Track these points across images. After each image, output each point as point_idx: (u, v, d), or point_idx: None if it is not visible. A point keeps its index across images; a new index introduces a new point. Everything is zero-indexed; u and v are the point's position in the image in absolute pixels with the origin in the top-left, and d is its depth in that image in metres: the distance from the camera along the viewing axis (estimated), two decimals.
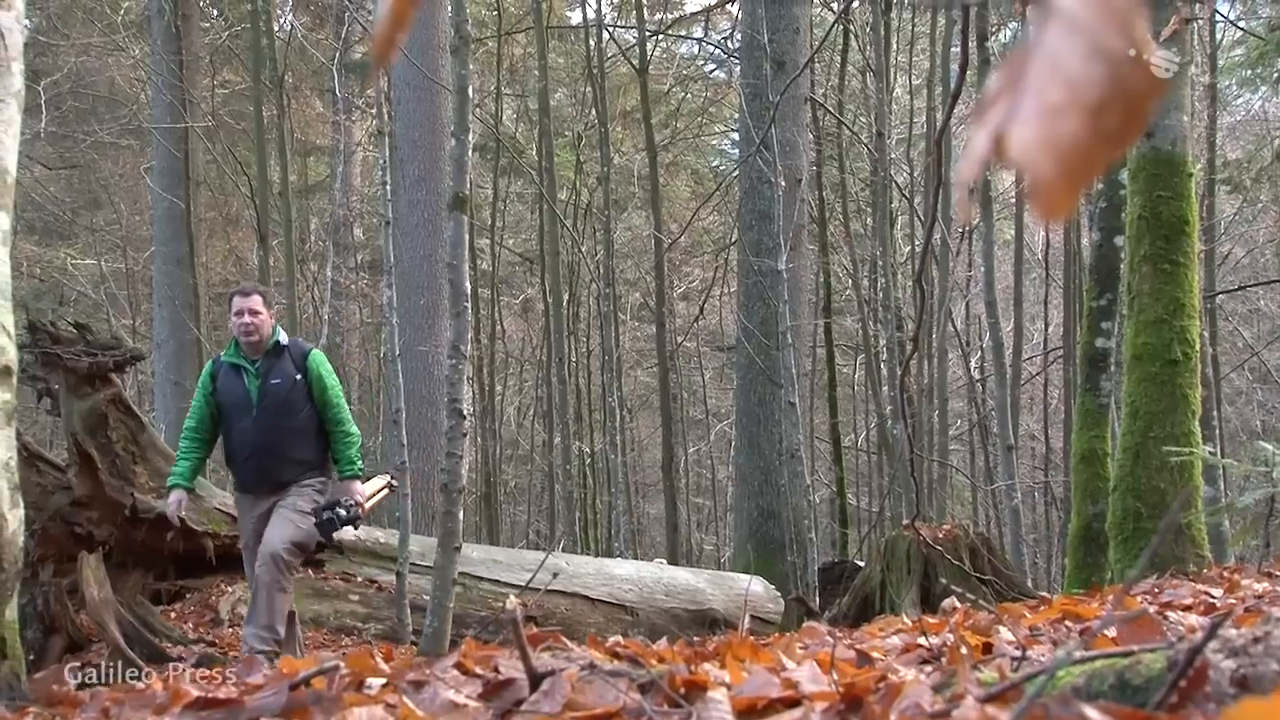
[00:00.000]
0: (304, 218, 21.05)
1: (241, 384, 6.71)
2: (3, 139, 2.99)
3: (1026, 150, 0.61)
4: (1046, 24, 0.63)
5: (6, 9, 3.03)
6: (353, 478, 6.75)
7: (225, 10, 20.51)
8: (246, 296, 6.76)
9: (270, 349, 6.74)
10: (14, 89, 3.08)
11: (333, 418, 6.78)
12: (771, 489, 13.01)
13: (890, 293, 13.20)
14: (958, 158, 17.58)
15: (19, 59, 3.08)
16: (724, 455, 22.72)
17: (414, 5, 0.68)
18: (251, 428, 6.62)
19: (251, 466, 6.64)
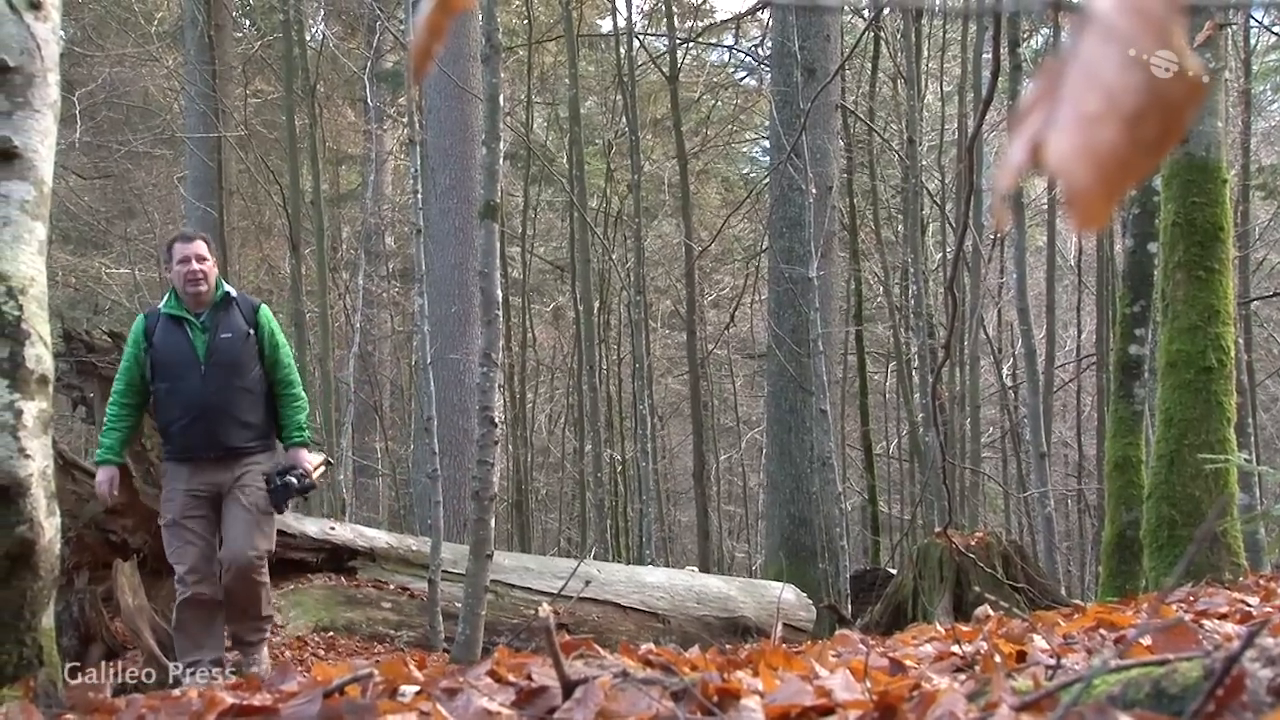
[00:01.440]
0: (336, 226, 21.13)
1: (185, 338, 6.15)
2: (39, 149, 3.02)
3: (1063, 159, 0.61)
4: (1083, 32, 0.63)
5: (42, 20, 3.06)
6: (301, 445, 6.35)
7: (258, 20, 20.63)
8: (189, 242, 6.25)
9: (218, 301, 6.23)
10: (50, 100, 3.10)
11: (283, 378, 6.34)
12: (803, 496, 12.98)
13: (922, 300, 13.16)
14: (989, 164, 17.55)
15: (54, 70, 3.11)
16: (755, 463, 22.67)
17: (449, 17, 0.69)
18: (200, 387, 6.09)
19: (198, 430, 6.08)
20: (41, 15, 3.04)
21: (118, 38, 17.29)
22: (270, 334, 6.30)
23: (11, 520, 2.80)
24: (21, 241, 2.86)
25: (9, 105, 2.96)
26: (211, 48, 14.62)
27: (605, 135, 20.63)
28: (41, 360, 2.84)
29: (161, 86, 18.04)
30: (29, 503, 2.82)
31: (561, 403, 22.91)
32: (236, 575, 5.96)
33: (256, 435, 6.19)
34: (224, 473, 6.09)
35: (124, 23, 17.65)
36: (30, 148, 2.96)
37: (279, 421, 6.34)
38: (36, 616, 2.92)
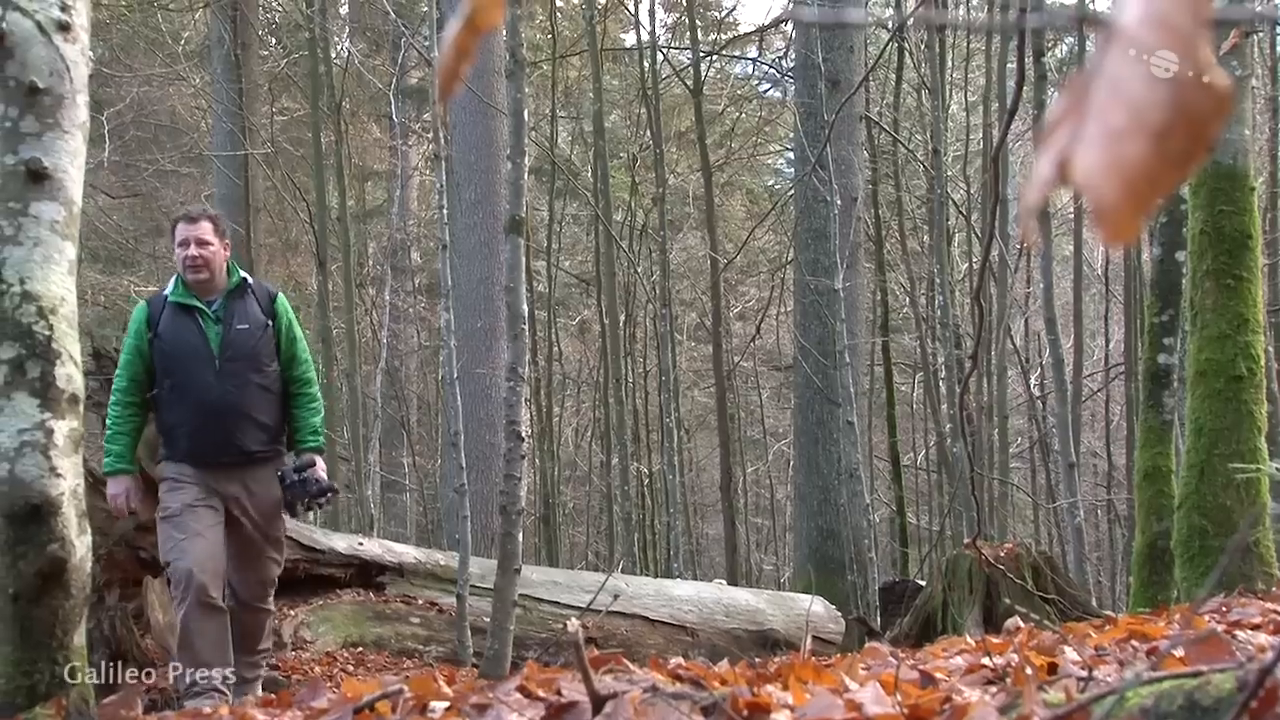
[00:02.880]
0: (362, 242, 21.21)
1: (196, 329, 5.53)
2: (68, 170, 3.04)
3: (1091, 174, 0.61)
4: (1109, 47, 0.63)
5: (71, 42, 3.08)
6: (316, 450, 5.73)
7: (284, 38, 20.73)
8: (193, 223, 5.61)
9: (233, 288, 5.64)
10: (79, 120, 3.13)
11: (300, 376, 5.76)
12: (831, 508, 12.95)
13: (948, 310, 13.13)
14: (1014, 174, 17.49)
15: (84, 91, 3.13)
16: (782, 475, 22.64)
17: (476, 37, 0.69)
18: (215, 384, 5.48)
19: (210, 433, 5.46)
20: (70, 37, 3.07)
21: (145, 57, 17.42)
22: (288, 326, 5.77)
23: (43, 539, 2.82)
24: (52, 262, 2.88)
25: (39, 126, 2.98)
26: (238, 66, 14.71)
27: (630, 149, 20.66)
28: (72, 379, 2.86)
29: (189, 105, 18.16)
30: (60, 521, 2.84)
31: (588, 416, 22.93)
32: (246, 605, 5.58)
33: (271, 439, 5.66)
34: (233, 483, 5.57)
35: (151, 42, 17.78)
36: (60, 168, 2.98)
37: (293, 424, 5.77)
38: (68, 635, 2.94)
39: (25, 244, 2.87)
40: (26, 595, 2.83)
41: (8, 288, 2.81)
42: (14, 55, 2.99)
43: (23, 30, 2.99)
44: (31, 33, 3.01)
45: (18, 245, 2.86)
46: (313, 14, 14.51)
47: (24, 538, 2.80)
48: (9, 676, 2.91)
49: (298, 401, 5.76)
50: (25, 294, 2.82)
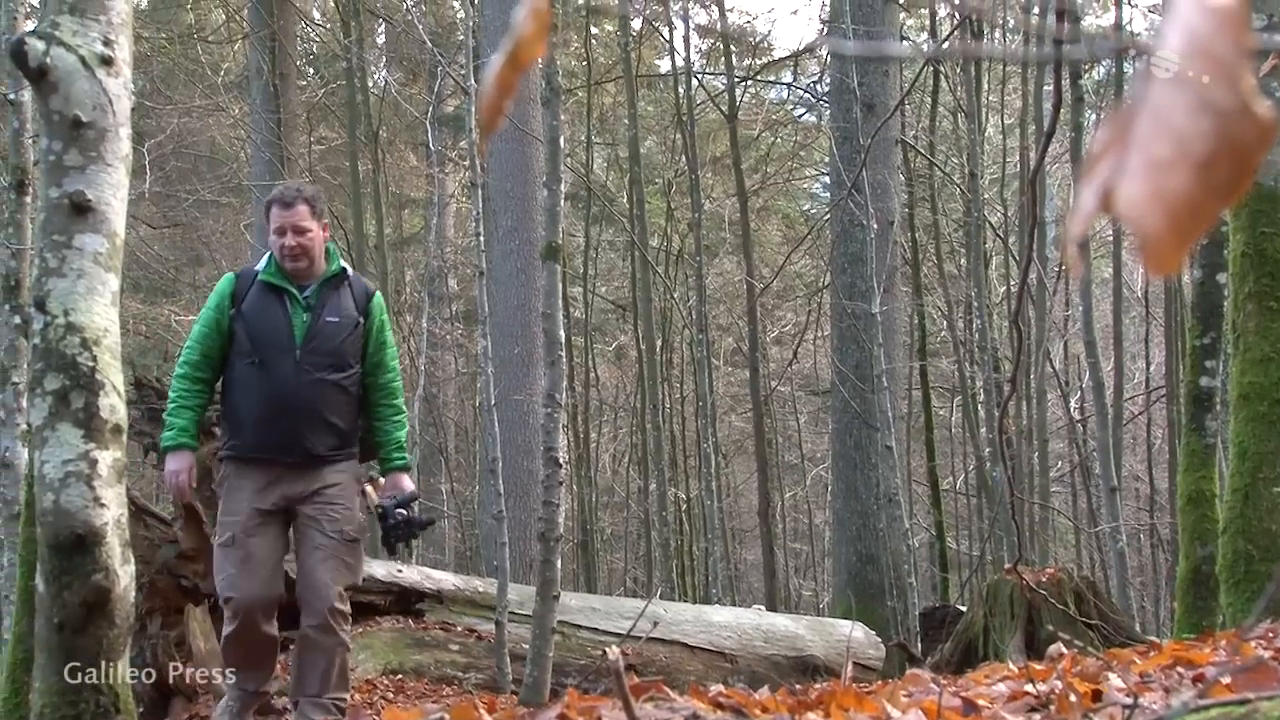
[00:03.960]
0: (399, 270, 21.31)
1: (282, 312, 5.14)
2: (111, 203, 3.07)
3: (1135, 205, 0.61)
4: (1152, 78, 0.63)
5: (114, 76, 3.11)
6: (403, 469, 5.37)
7: (321, 69, 20.91)
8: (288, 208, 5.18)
9: (329, 276, 5.24)
10: (122, 153, 3.16)
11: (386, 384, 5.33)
12: (870, 533, 12.90)
13: (986, 334, 13.07)
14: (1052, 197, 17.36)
15: (126, 124, 3.16)
16: (821, 500, 22.56)
17: (519, 73, 0.70)
18: (291, 375, 5.06)
19: (279, 428, 5.04)
20: (113, 71, 3.10)
21: (185, 89, 17.59)
22: (380, 328, 5.34)
23: (87, 569, 2.84)
24: (95, 293, 2.91)
25: (82, 160, 3.01)
26: (276, 97, 14.83)
27: (665, 174, 20.71)
28: (115, 410, 2.89)
29: (228, 136, 18.32)
30: (104, 551, 2.86)
31: (625, 442, 22.92)
32: (317, 625, 5.02)
33: (341, 442, 5.21)
34: (299, 483, 5.11)
35: (191, 74, 17.95)
36: (103, 201, 3.01)
37: (377, 438, 5.36)
38: (112, 664, 2.96)
39: (69, 276, 2.90)
40: (71, 625, 2.85)
41: (52, 319, 2.84)
42: (58, 90, 3.02)
43: (66, 65, 3.03)
44: (75, 67, 3.04)
45: (62, 277, 2.89)
46: (350, 44, 14.63)
47: (69, 568, 2.82)
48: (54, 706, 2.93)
49: (381, 413, 5.34)
50: (69, 325, 2.84)
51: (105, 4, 3.09)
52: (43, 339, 2.83)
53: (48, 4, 3.14)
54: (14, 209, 6.57)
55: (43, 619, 2.87)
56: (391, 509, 5.12)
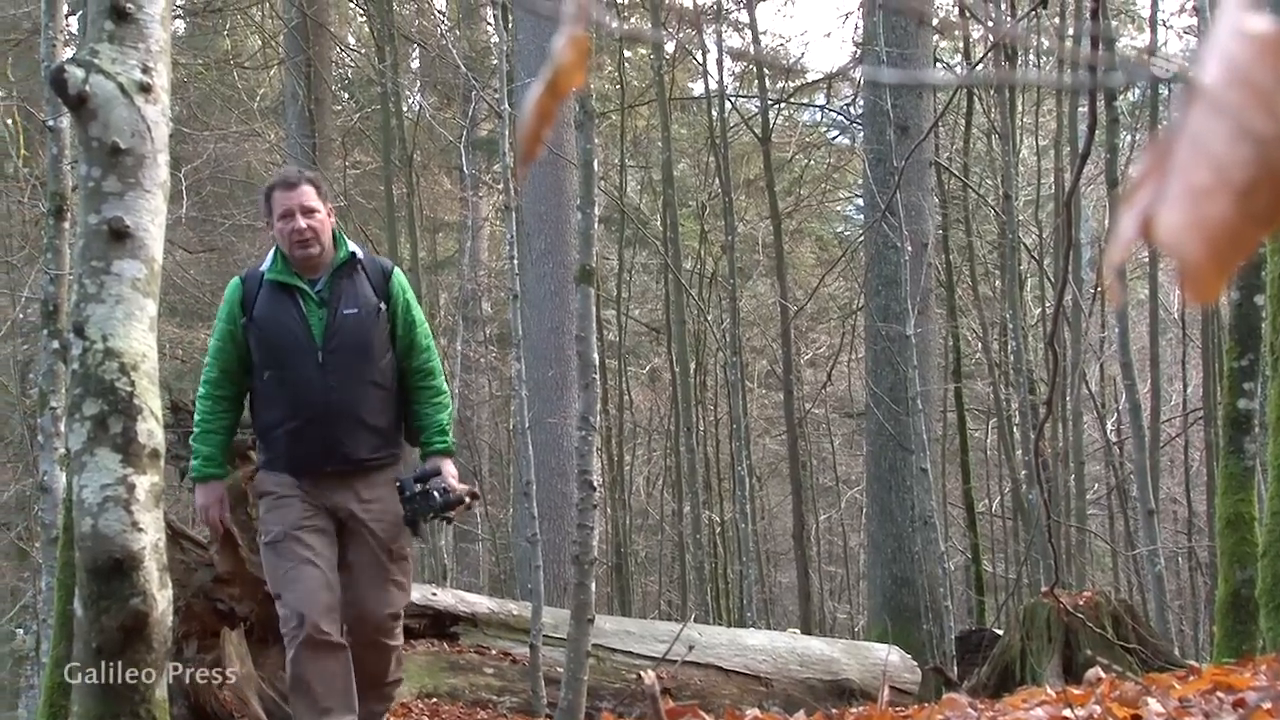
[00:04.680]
0: (434, 293, 21.40)
1: (297, 313, 4.72)
2: (149, 229, 3.10)
3: (1174, 233, 0.61)
4: (1191, 106, 0.63)
5: (152, 103, 3.14)
6: (444, 453, 4.88)
7: (356, 93, 21.06)
8: (292, 189, 4.74)
9: (340, 264, 4.80)
10: (160, 180, 3.19)
11: (421, 366, 4.90)
12: (905, 556, 12.84)
13: (1021, 355, 13.02)
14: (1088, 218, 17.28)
15: (164, 150, 3.20)
16: (855, 522, 22.48)
17: (559, 101, 0.70)
18: (318, 379, 4.66)
19: (313, 437, 4.68)
20: (151, 98, 3.13)
21: (221, 115, 17.73)
22: (405, 307, 4.88)
23: (125, 593, 2.86)
24: (133, 319, 2.94)
25: (121, 186, 3.04)
26: (312, 121, 14.94)
27: (699, 197, 20.73)
28: (153, 435, 2.91)
29: (264, 161, 18.45)
30: (142, 576, 2.88)
31: (659, 465, 22.89)
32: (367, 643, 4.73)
33: (386, 443, 4.84)
34: (343, 492, 4.75)
35: (227, 100, 18.11)
36: (141, 227, 3.04)
37: (414, 422, 4.92)
38: (150, 688, 2.97)
39: (108, 301, 2.92)
40: (109, 649, 2.87)
41: (91, 345, 2.87)
42: (97, 117, 3.06)
43: (105, 92, 3.06)
44: (114, 94, 3.07)
45: (100, 303, 2.91)
46: (385, 69, 14.73)
47: (106, 592, 2.84)
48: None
49: (419, 396, 4.89)
50: (108, 351, 2.87)
51: (144, 32, 3.12)
52: (81, 364, 2.85)
53: (87, 32, 3.18)
54: (53, 235, 6.63)
55: (81, 643, 2.89)
56: (409, 482, 4.68)
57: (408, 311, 4.91)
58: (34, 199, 14.13)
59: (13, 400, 16.89)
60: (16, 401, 16.54)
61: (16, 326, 15.46)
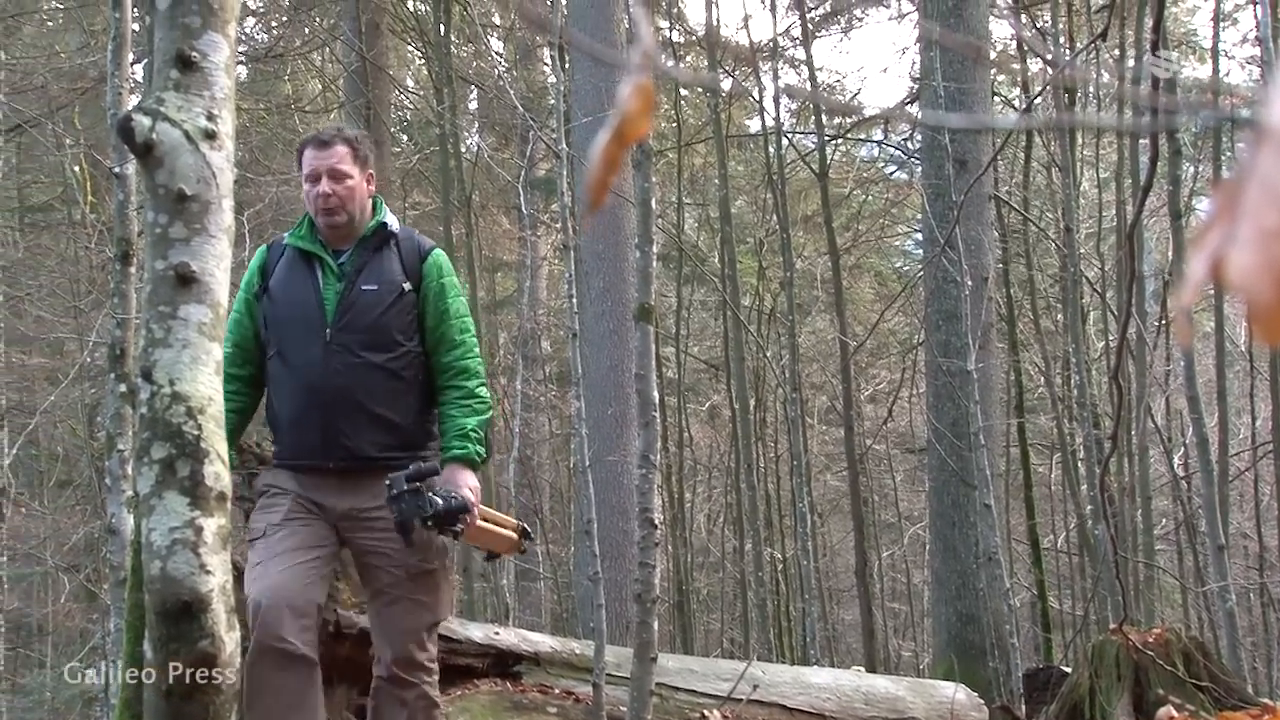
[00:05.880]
0: (493, 332, 21.50)
1: (311, 285, 4.21)
2: (214, 273, 3.14)
3: (1245, 275, 0.61)
4: (1260, 147, 0.63)
5: (217, 149, 3.19)
6: (465, 462, 4.18)
7: (415, 135, 21.25)
8: (324, 147, 4.26)
9: (369, 234, 4.30)
10: (225, 225, 3.23)
11: (452, 363, 4.29)
12: (970, 593, 12.72)
13: (1085, 390, 12.89)
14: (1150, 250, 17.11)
15: (229, 196, 3.24)
16: (919, 559, 22.31)
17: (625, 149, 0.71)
18: (319, 360, 4.14)
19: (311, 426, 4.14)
20: (216, 144, 3.18)
21: (283, 158, 17.94)
22: (439, 293, 4.30)
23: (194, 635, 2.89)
24: (199, 362, 2.97)
25: (187, 232, 3.09)
26: None
27: (756, 233, 20.75)
28: (220, 478, 2.94)
29: None
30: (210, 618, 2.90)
31: (720, 502, 22.85)
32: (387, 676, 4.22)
33: (402, 442, 4.22)
34: (349, 496, 4.18)
35: (289, 144, 18.31)
36: (207, 272, 3.09)
37: (441, 425, 4.30)
38: None
39: (174, 346, 2.96)
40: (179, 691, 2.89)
41: (158, 389, 2.91)
42: (163, 164, 3.10)
43: (171, 140, 3.11)
44: (180, 142, 3.12)
45: (167, 348, 2.95)
46: (443, 111, 14.85)
47: (175, 634, 2.87)
48: None
49: (446, 396, 4.28)
50: (175, 395, 2.91)
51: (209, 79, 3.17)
52: (149, 408, 2.89)
53: (153, 81, 3.23)
54: (119, 280, 6.72)
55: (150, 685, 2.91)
56: (399, 480, 4.02)
57: (441, 298, 4.32)
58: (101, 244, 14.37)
59: (80, 443, 17.11)
60: (84, 444, 16.75)
61: (84, 370, 15.67)
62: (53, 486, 18.35)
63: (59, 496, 18.45)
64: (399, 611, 4.22)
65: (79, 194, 14.62)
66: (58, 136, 15.05)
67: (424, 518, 4.02)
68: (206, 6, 3.03)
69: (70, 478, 18.28)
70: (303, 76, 20.08)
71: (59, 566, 16.95)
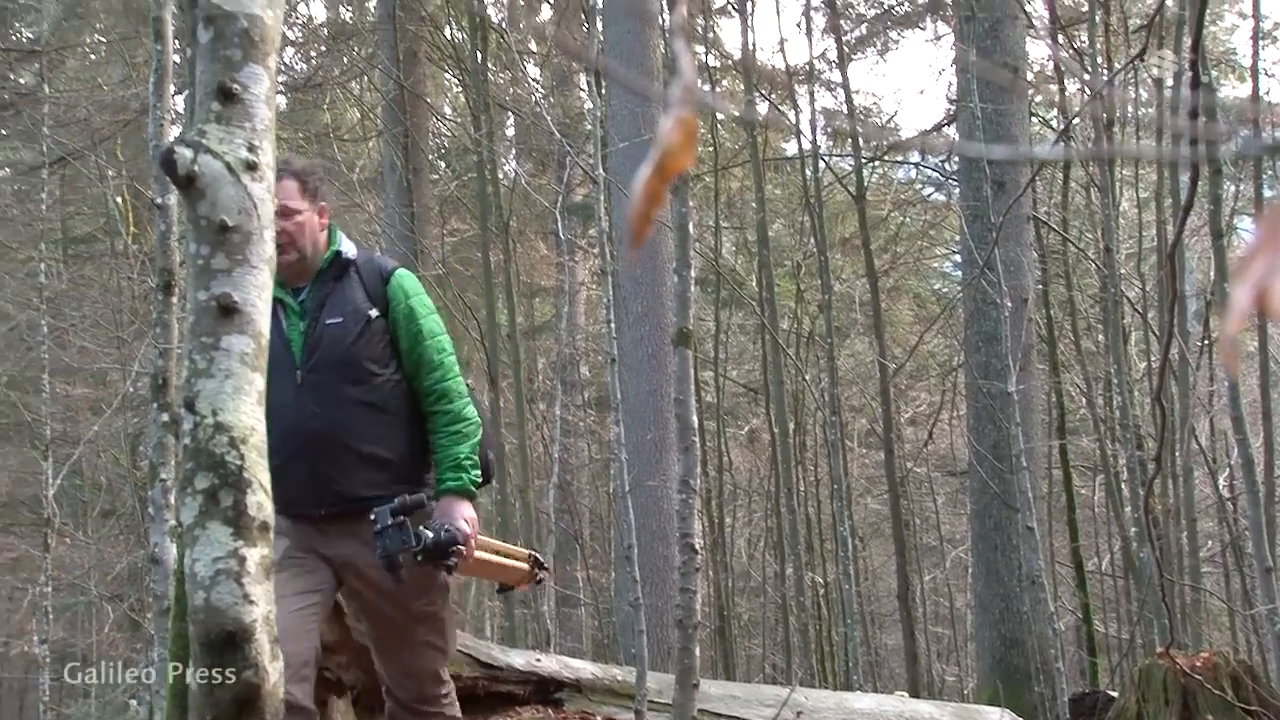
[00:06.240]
0: (532, 358, 21.56)
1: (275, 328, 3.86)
2: (256, 304, 3.16)
3: None
4: None
5: (258, 180, 3.22)
6: (458, 493, 4.07)
7: (453, 162, 21.37)
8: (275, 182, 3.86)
9: (325, 266, 4.13)
10: (266, 255, 3.25)
11: (433, 386, 4.14)
12: (1013, 616, 12.63)
13: (1128, 411, 12.79)
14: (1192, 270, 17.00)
15: (270, 226, 3.27)
16: (961, 582, 22.16)
17: (667, 183, 0.71)
18: (293, 403, 3.94)
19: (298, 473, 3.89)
20: (257, 175, 3.21)
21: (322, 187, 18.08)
22: (409, 314, 4.13)
23: (238, 665, 2.90)
24: (242, 393, 2.99)
25: (228, 263, 3.11)
26: (410, 191, 15.20)
27: (794, 256, 20.73)
28: (262, 508, 2.96)
29: (364, 230, 18.75)
30: (254, 648, 2.91)
31: (760, 526, 22.77)
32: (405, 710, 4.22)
33: (396, 477, 4.07)
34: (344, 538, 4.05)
35: (328, 172, 18.33)
36: (249, 302, 3.11)
37: (435, 455, 4.16)
38: None
39: (217, 376, 2.98)
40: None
41: (201, 419, 2.93)
42: (205, 195, 3.13)
43: (213, 171, 3.14)
44: (221, 173, 3.15)
45: (210, 378, 2.98)
46: (480, 138, 14.93)
47: (220, 664, 2.88)
48: None
49: (432, 423, 4.13)
50: (218, 425, 2.93)
51: (250, 111, 3.20)
52: (192, 439, 2.91)
53: (194, 113, 3.26)
54: (161, 310, 6.77)
55: (195, 715, 2.92)
56: (384, 513, 3.87)
57: (412, 320, 4.15)
58: (143, 275, 14.50)
59: (124, 473, 17.23)
60: (127, 474, 16.87)
61: (127, 400, 15.79)
62: (96, 516, 18.49)
63: (103, 526, 18.59)
64: (409, 656, 4.17)
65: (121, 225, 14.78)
66: (100, 168, 15.21)
67: (413, 551, 3.89)
68: (248, 39, 3.06)
69: (114, 507, 18.41)
70: (341, 105, 20.25)
71: (103, 596, 17.07)
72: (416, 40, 16.36)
